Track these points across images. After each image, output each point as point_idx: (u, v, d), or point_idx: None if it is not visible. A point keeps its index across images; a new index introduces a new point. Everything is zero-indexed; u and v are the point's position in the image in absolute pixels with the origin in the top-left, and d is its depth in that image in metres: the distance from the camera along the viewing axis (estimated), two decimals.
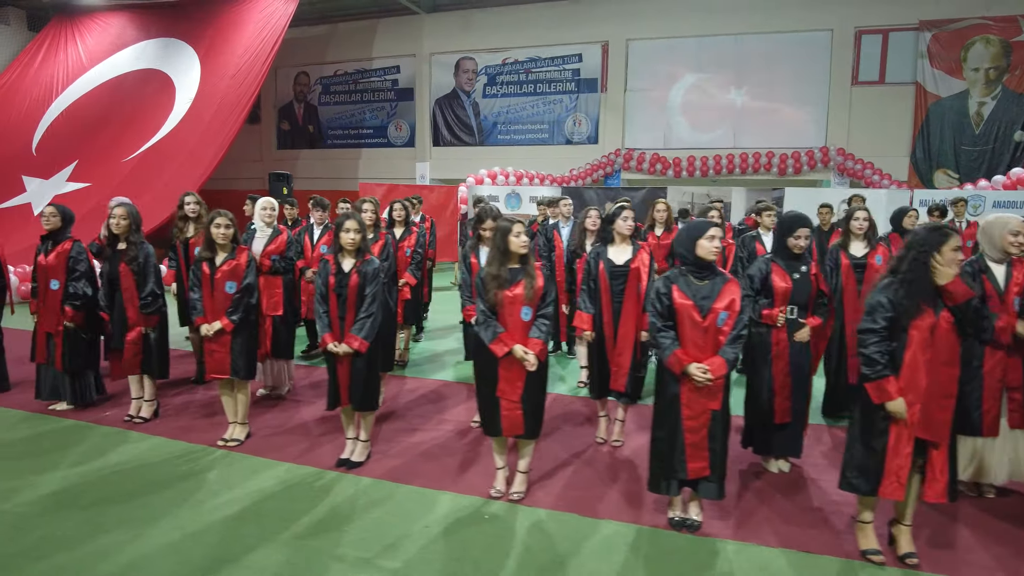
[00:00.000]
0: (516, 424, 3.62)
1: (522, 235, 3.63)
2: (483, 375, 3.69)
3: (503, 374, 3.58)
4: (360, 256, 4.01)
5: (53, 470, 4.05)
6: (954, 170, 14.95)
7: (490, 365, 3.62)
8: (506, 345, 3.54)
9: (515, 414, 3.61)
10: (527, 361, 3.53)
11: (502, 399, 3.60)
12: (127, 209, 4.69)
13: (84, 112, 15.32)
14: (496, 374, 3.60)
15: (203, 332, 4.27)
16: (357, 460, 4.17)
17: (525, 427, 3.63)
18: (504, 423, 3.62)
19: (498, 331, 3.55)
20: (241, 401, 4.49)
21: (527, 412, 3.62)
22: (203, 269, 4.30)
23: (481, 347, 3.64)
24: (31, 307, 5.09)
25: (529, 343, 3.57)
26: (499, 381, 3.59)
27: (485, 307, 3.59)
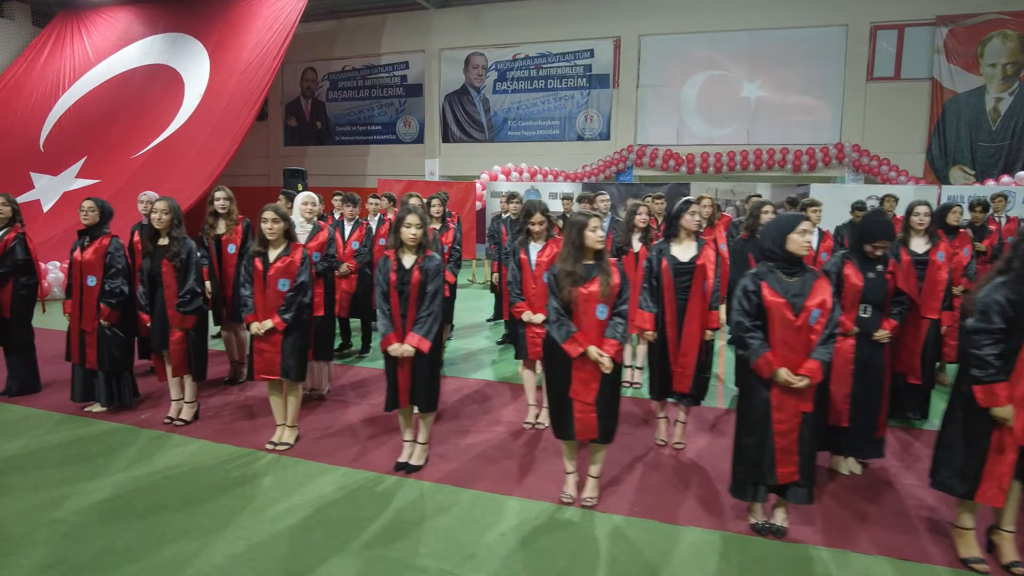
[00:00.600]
0: (590, 428, 3.47)
1: (598, 230, 3.47)
2: (554, 376, 3.54)
3: (577, 375, 3.43)
4: (421, 252, 3.85)
5: (102, 475, 3.88)
6: (970, 166, 14.86)
7: (562, 365, 3.46)
8: (580, 345, 3.38)
9: (589, 417, 3.45)
10: (602, 363, 3.38)
11: (575, 401, 3.44)
12: (168, 203, 4.52)
13: (92, 108, 15.09)
14: (568, 375, 3.45)
15: (253, 331, 4.10)
16: (416, 464, 4.01)
17: (599, 431, 3.48)
18: (578, 426, 3.46)
19: (572, 330, 3.40)
20: (291, 403, 4.32)
21: (601, 415, 3.47)
22: (255, 265, 4.13)
23: (553, 346, 3.48)
24: (65, 307, 4.90)
25: (604, 344, 3.42)
26: (572, 382, 3.44)
27: (558, 305, 3.43)
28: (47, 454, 4.19)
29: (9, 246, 5.16)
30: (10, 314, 5.19)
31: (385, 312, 3.85)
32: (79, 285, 4.78)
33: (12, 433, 4.54)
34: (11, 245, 5.16)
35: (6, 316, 5.19)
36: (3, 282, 5.15)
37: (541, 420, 4.77)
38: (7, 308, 5.18)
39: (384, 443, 4.42)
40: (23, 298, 5.24)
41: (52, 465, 4.03)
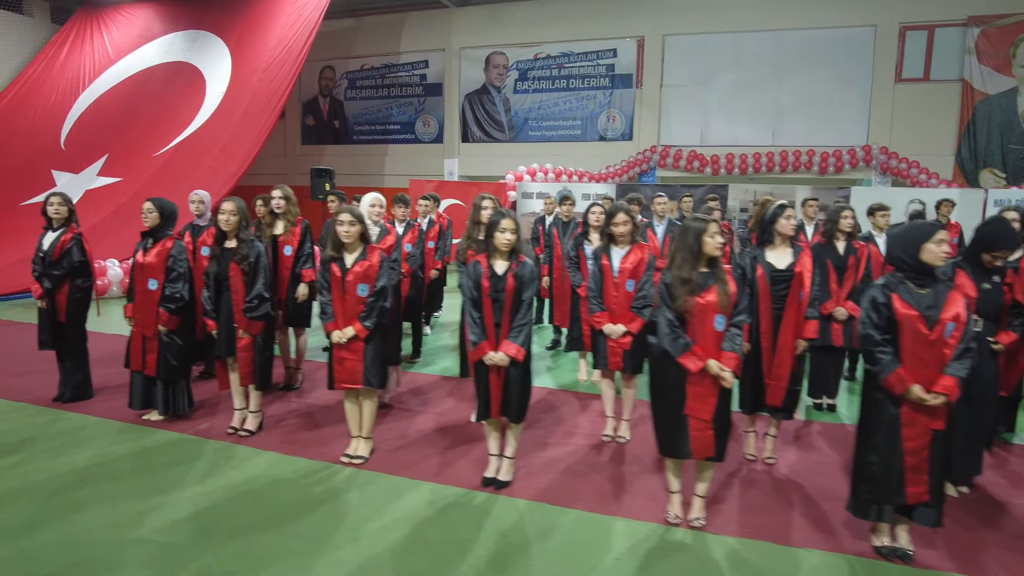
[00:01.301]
0: (707, 446, 3.28)
1: (717, 236, 3.29)
2: (664, 392, 3.35)
3: (693, 391, 3.24)
4: (514, 257, 3.67)
5: (176, 489, 3.69)
6: (1001, 169, 14.68)
7: (675, 381, 3.28)
8: (700, 360, 3.20)
9: (706, 435, 3.27)
10: (723, 378, 3.20)
11: (691, 418, 3.26)
12: (236, 204, 4.33)
13: (112, 105, 14.90)
14: (683, 391, 3.26)
15: (335, 339, 3.92)
16: (504, 479, 3.83)
17: (716, 449, 3.30)
18: (694, 445, 3.27)
19: (689, 343, 3.22)
20: (368, 413, 4.13)
21: (717, 432, 3.29)
22: (332, 271, 3.95)
23: (664, 361, 3.30)
24: (126, 311, 4.72)
25: (723, 357, 3.24)
26: (687, 399, 3.25)
27: (672, 316, 3.25)
28: (115, 466, 4.01)
29: (66, 247, 4.97)
30: (65, 317, 5.01)
31: (476, 320, 3.66)
32: (141, 289, 4.59)
33: (75, 443, 4.36)
34: (68, 246, 4.98)
35: (61, 320, 5.01)
36: (59, 284, 4.97)
37: (621, 433, 4.59)
38: (63, 311, 5.01)
39: (463, 455, 4.24)
40: (79, 301, 5.06)
41: (123, 478, 3.85)
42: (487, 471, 3.89)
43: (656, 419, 3.43)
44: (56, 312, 5.00)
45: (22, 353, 6.68)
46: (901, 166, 14.71)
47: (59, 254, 4.96)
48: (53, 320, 5.03)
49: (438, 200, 7.99)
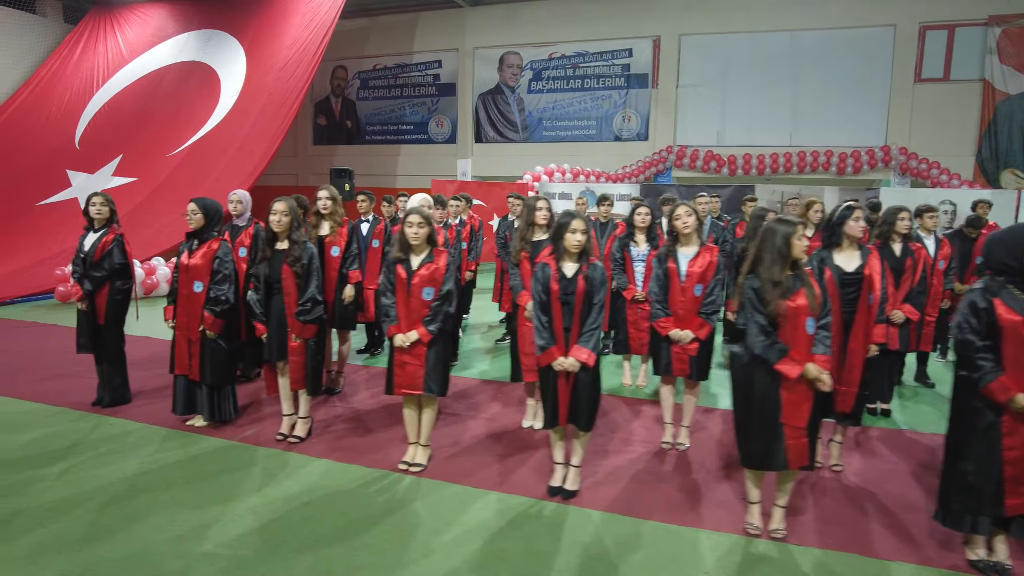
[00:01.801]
0: (803, 455, 3.16)
1: (804, 238, 3.17)
2: (754, 400, 3.19)
3: (788, 398, 3.12)
4: (584, 259, 3.55)
5: (234, 499, 3.57)
6: (1022, 170, 14.55)
7: (767, 388, 3.15)
8: (798, 365, 3.07)
9: (802, 443, 3.15)
10: (822, 382, 3.08)
11: (786, 427, 3.13)
12: (288, 204, 4.21)
13: (126, 105, 14.80)
14: (777, 398, 3.13)
15: (398, 343, 3.79)
16: (572, 488, 3.70)
17: (810, 457, 3.18)
18: (791, 454, 3.14)
19: (786, 349, 3.09)
20: (427, 420, 4.00)
21: (811, 440, 3.17)
22: (398, 272, 3.82)
23: (754, 367, 3.17)
24: (167, 313, 4.59)
25: (816, 360, 3.12)
26: (782, 406, 3.12)
27: (764, 321, 3.12)
28: (167, 474, 3.88)
29: (107, 248, 4.85)
30: (104, 320, 4.89)
31: (545, 324, 3.54)
32: (186, 291, 4.47)
33: (121, 449, 4.23)
34: (109, 247, 4.85)
35: (100, 322, 4.89)
36: (99, 286, 4.85)
37: (681, 440, 4.46)
38: (102, 314, 4.88)
39: (523, 463, 4.12)
40: (118, 303, 4.94)
41: (177, 487, 3.72)
42: (553, 480, 3.77)
43: (744, 430, 3.29)
44: (95, 314, 4.88)
45: (53, 356, 6.57)
46: (921, 167, 14.58)
47: (100, 255, 4.83)
48: (92, 323, 4.90)
49: (470, 201, 7.87)
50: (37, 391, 5.42)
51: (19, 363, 6.33)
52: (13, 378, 5.81)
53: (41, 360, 6.45)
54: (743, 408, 3.28)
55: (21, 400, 5.19)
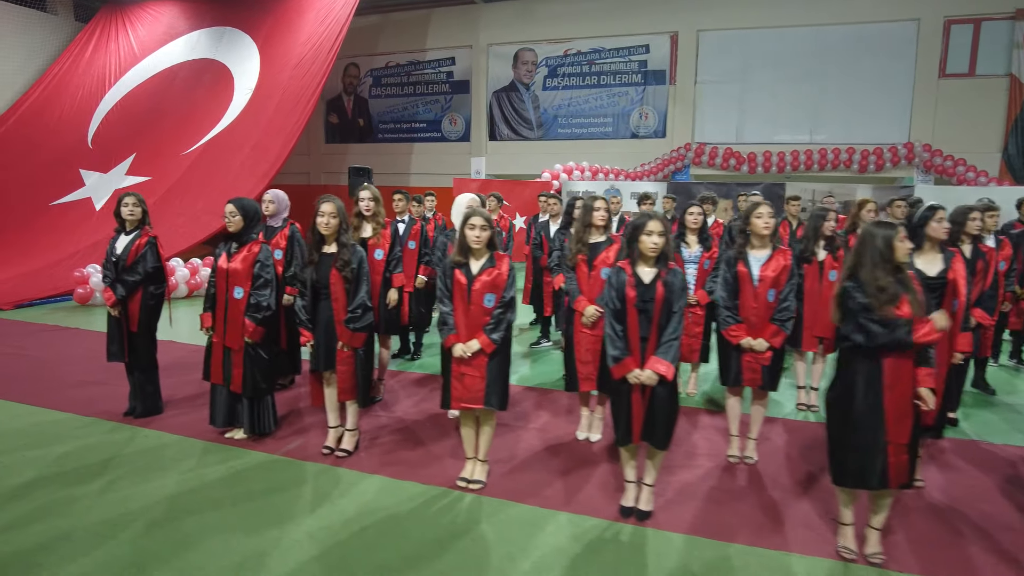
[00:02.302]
0: (902, 473, 2.93)
1: (907, 240, 2.93)
2: (857, 415, 2.95)
3: (894, 412, 2.88)
4: (663, 264, 3.31)
5: (288, 521, 3.34)
6: None
7: (873, 403, 2.91)
8: None
9: (902, 460, 2.92)
10: (923, 399, 2.85)
11: (891, 444, 2.90)
12: (336, 205, 3.98)
13: (139, 104, 14.58)
14: (879, 413, 2.90)
15: (458, 353, 3.56)
16: (646, 509, 3.47)
17: (910, 475, 2.95)
18: (892, 472, 2.91)
19: (909, 322, 2.84)
20: (486, 435, 3.78)
21: (912, 457, 2.94)
22: (457, 278, 3.59)
23: (858, 379, 2.93)
24: (204, 320, 4.36)
25: (920, 373, 2.88)
26: (887, 422, 2.89)
27: (877, 320, 2.88)
28: (211, 493, 3.66)
29: (141, 251, 4.63)
30: (137, 327, 4.66)
31: (619, 334, 3.31)
32: (224, 297, 4.24)
33: (160, 465, 4.01)
34: (143, 251, 4.63)
35: (132, 329, 4.67)
36: (133, 291, 4.62)
37: (749, 454, 4.23)
38: (134, 320, 4.66)
39: (586, 479, 3.89)
40: (151, 309, 4.71)
41: (224, 507, 3.50)
42: (624, 500, 3.54)
43: (840, 446, 3.05)
44: (128, 321, 4.66)
45: (77, 361, 6.36)
46: (947, 164, 14.31)
47: (134, 259, 4.61)
48: (124, 329, 4.68)
49: (501, 200, 7.65)
50: (66, 399, 5.20)
51: (43, 369, 6.12)
52: (40, 385, 5.59)
53: (66, 366, 6.24)
54: (840, 424, 3.04)
55: (50, 410, 4.97)
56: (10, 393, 5.37)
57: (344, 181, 19.29)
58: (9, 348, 6.89)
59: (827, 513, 3.50)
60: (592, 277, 4.25)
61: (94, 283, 8.91)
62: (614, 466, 4.07)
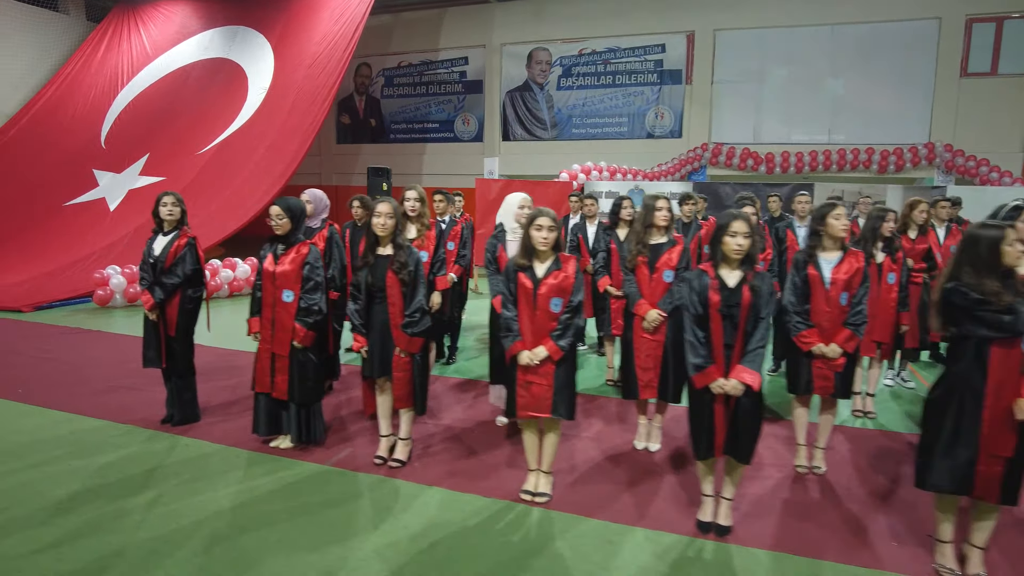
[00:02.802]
0: (993, 484, 2.77)
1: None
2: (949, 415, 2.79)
3: (996, 423, 2.71)
4: (749, 266, 3.15)
5: (352, 538, 3.17)
6: None
7: (973, 410, 2.74)
8: None
9: (995, 471, 2.75)
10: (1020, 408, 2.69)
11: (985, 452, 2.73)
12: (392, 206, 3.81)
13: (152, 103, 14.44)
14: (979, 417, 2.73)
15: (524, 361, 3.39)
16: (725, 524, 3.30)
17: (1010, 491, 2.78)
18: (979, 481, 2.75)
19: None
20: (550, 446, 3.61)
21: (1014, 472, 2.77)
22: (521, 282, 3.42)
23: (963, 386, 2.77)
24: (251, 325, 4.19)
25: None
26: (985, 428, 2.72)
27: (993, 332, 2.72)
28: (265, 507, 3.49)
29: (180, 253, 4.46)
30: (175, 331, 4.49)
31: (702, 340, 3.14)
32: (271, 301, 4.07)
33: (206, 476, 3.84)
34: (182, 252, 4.46)
35: (170, 334, 4.49)
36: (172, 295, 4.45)
37: (817, 463, 4.06)
38: (173, 324, 4.48)
39: (655, 492, 3.72)
40: (189, 313, 4.54)
41: (281, 522, 3.33)
42: (701, 514, 3.36)
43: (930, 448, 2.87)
44: (165, 325, 4.48)
45: (104, 366, 6.19)
46: (969, 164, 14.13)
47: (172, 261, 4.44)
48: (161, 334, 4.51)
49: None
50: (99, 406, 5.03)
51: (71, 373, 5.95)
52: (71, 390, 5.42)
53: (93, 370, 6.06)
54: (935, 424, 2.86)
55: (86, 416, 4.80)
56: (43, 398, 5.21)
57: (356, 182, 19.20)
58: (35, 351, 6.72)
59: (913, 528, 3.33)
60: (654, 280, 4.08)
61: (114, 284, 8.74)
62: (681, 477, 3.91)
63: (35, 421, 4.72)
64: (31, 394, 5.33)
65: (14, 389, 5.44)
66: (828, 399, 3.99)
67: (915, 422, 4.94)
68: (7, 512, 3.38)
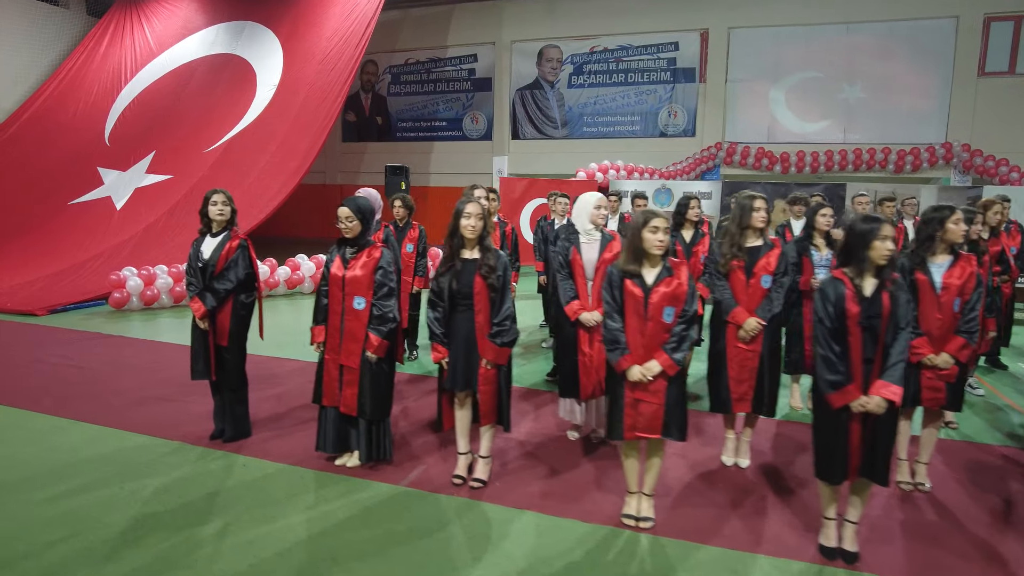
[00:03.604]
0: None
1: None
2: None
3: None
4: (887, 274, 2.89)
5: (454, 572, 2.88)
6: None
7: None
8: None
9: None
10: None
11: None
12: (481, 207, 3.52)
13: (157, 100, 14.04)
14: None
15: (635, 377, 3.11)
16: (852, 550, 3.05)
17: None
18: None
19: None
20: (656, 467, 3.33)
21: None
22: (628, 290, 3.15)
23: None
24: (315, 335, 3.88)
25: None
26: None
27: None
28: (349, 535, 3.19)
29: (232, 256, 4.14)
30: (227, 340, 4.17)
31: (836, 353, 2.88)
32: (339, 309, 3.77)
33: (275, 500, 3.53)
34: (234, 255, 4.15)
35: (222, 343, 4.18)
36: (224, 302, 4.13)
37: (921, 480, 3.81)
38: (224, 333, 4.16)
39: (762, 513, 3.46)
40: (242, 320, 4.22)
41: (372, 556, 3.03)
42: (824, 539, 3.11)
43: None
44: (215, 334, 4.17)
45: (131, 374, 5.85)
46: (988, 164, 14.01)
47: (224, 264, 4.12)
48: (211, 344, 4.18)
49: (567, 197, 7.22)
50: (138, 420, 4.70)
51: (99, 383, 5.61)
52: (103, 402, 5.08)
53: (121, 379, 5.72)
54: None
55: (126, 431, 4.47)
56: (75, 410, 4.88)
57: (362, 180, 18.86)
58: (55, 358, 6.36)
59: None
60: (751, 286, 3.83)
61: (131, 287, 8.38)
62: (783, 497, 3.65)
63: (72, 437, 4.39)
64: (61, 405, 4.99)
65: (41, 399, 5.11)
66: (934, 411, 3.75)
67: (1004, 434, 4.73)
68: (66, 544, 3.07)
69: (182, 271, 8.92)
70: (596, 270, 4.15)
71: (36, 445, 4.25)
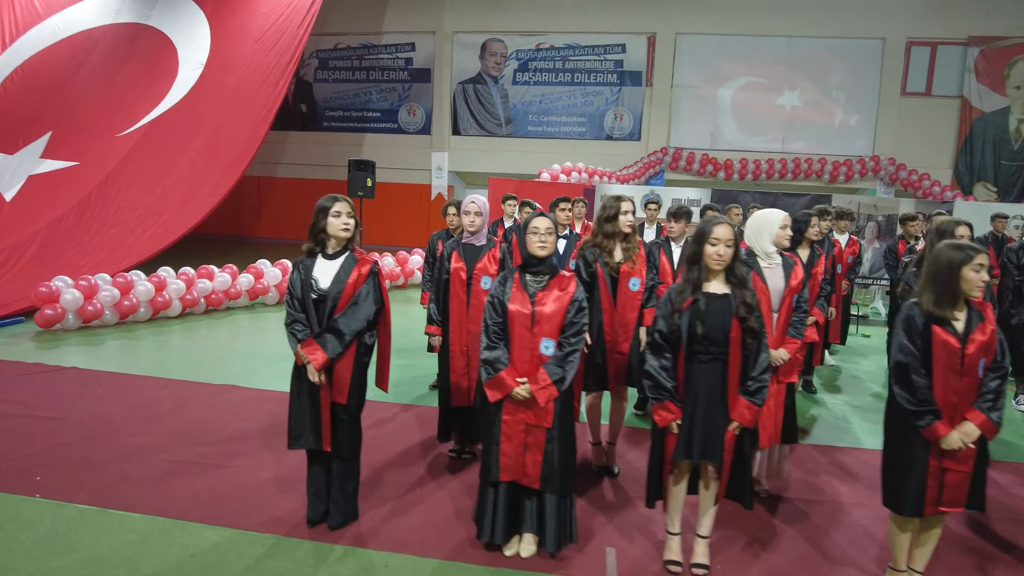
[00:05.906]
0: None
1: None
2: None
3: None
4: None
5: None
6: (993, 184, 15.46)
7: None
8: None
9: None
10: None
11: None
12: (733, 228, 2.80)
13: (47, 72, 11.78)
14: None
15: (954, 445, 2.53)
16: None
17: None
18: None
19: None
20: (934, 539, 2.79)
21: None
22: (941, 338, 2.56)
23: None
24: (504, 383, 2.96)
25: None
26: None
27: None
28: None
29: (360, 286, 3.11)
30: (346, 397, 3.14)
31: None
32: (526, 352, 2.90)
33: None
34: (364, 285, 3.11)
35: (340, 400, 3.13)
36: (347, 346, 3.08)
37: None
38: (344, 388, 3.12)
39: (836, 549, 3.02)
40: (364, 368, 3.19)
41: None
42: None
43: None
44: (336, 390, 3.12)
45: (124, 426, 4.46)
46: (911, 177, 15.01)
47: (351, 297, 3.08)
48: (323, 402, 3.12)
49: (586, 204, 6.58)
50: (192, 502, 3.44)
51: (94, 443, 4.20)
52: (119, 474, 3.74)
53: (119, 436, 4.32)
54: None
55: (186, 522, 3.26)
56: (89, 493, 3.48)
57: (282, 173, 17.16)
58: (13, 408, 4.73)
59: None
60: None
61: (66, 302, 6.68)
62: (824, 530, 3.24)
63: (111, 536, 3.10)
64: (62, 484, 3.61)
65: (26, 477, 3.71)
66: None
67: None
68: None
69: (130, 280, 7.29)
70: (783, 299, 3.56)
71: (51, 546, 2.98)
